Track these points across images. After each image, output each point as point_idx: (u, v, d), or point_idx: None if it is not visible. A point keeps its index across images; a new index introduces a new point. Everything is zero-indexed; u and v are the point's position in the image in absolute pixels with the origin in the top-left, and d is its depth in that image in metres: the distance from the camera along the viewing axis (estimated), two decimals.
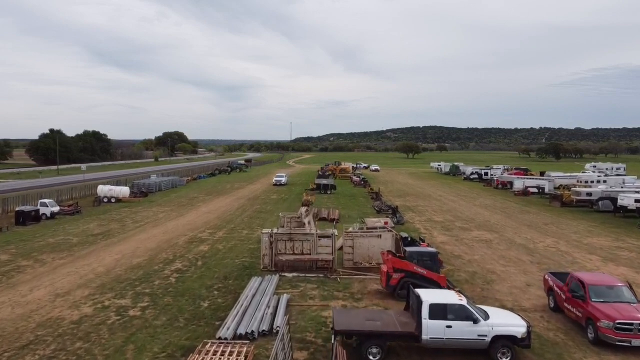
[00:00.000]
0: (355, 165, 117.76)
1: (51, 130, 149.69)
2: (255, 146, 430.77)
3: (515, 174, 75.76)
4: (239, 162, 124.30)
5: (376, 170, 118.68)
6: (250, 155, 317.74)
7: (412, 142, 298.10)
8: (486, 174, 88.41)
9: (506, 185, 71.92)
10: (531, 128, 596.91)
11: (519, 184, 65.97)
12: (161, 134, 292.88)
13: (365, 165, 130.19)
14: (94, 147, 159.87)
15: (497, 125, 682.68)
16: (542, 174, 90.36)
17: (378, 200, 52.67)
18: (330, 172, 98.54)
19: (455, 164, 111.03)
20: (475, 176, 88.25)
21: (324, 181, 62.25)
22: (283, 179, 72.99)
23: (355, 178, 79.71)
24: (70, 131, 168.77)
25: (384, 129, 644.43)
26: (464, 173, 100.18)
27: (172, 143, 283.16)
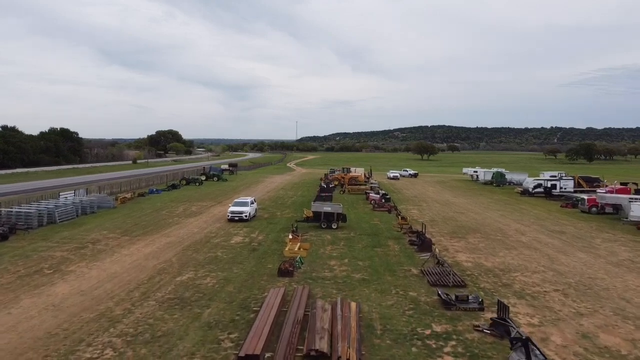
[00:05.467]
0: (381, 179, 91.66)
1: (4, 128, 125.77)
2: (258, 146, 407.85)
3: (618, 191, 50.61)
4: (222, 166, 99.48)
5: (395, 178, 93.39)
6: (251, 155, 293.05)
7: (427, 142, 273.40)
8: (554, 186, 63.36)
9: (602, 209, 46.98)
10: (542, 128, 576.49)
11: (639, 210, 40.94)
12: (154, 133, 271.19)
13: (413, 172, 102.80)
14: (59, 147, 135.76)
15: (507, 124, 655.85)
16: (623, 185, 65.36)
17: (428, 250, 27.82)
18: (336, 183, 73.83)
19: (499, 170, 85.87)
20: (540, 190, 63.15)
21: (327, 208, 37.31)
22: (246, 211, 39.30)
23: (373, 195, 54.72)
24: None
25: (391, 129, 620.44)
26: (520, 184, 75.22)
27: (165, 142, 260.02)
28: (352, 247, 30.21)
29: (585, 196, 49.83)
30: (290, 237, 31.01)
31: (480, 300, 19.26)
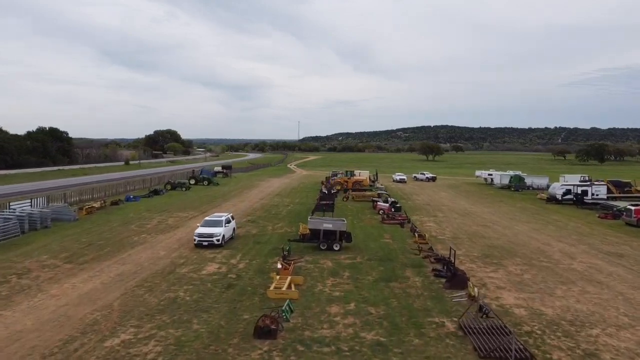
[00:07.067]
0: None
1: None
2: (260, 146, 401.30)
3: None
4: (215, 169, 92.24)
5: (402, 181, 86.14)
6: (252, 155, 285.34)
7: (433, 142, 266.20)
8: (585, 193, 56.02)
9: None
10: (546, 128, 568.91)
11: None
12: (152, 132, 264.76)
13: (430, 175, 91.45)
14: (47, 147, 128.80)
15: (510, 124, 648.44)
16: None
17: (462, 287, 20.60)
18: (339, 187, 66.61)
19: (517, 173, 78.54)
20: (570, 197, 55.79)
21: (328, 225, 30.02)
22: (218, 233, 29.54)
23: (381, 203, 47.44)
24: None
25: (394, 129, 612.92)
26: (541, 189, 68.18)
27: (163, 142, 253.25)
28: (359, 282, 22.93)
29: (631, 206, 42.47)
30: (280, 266, 23.78)
31: None
